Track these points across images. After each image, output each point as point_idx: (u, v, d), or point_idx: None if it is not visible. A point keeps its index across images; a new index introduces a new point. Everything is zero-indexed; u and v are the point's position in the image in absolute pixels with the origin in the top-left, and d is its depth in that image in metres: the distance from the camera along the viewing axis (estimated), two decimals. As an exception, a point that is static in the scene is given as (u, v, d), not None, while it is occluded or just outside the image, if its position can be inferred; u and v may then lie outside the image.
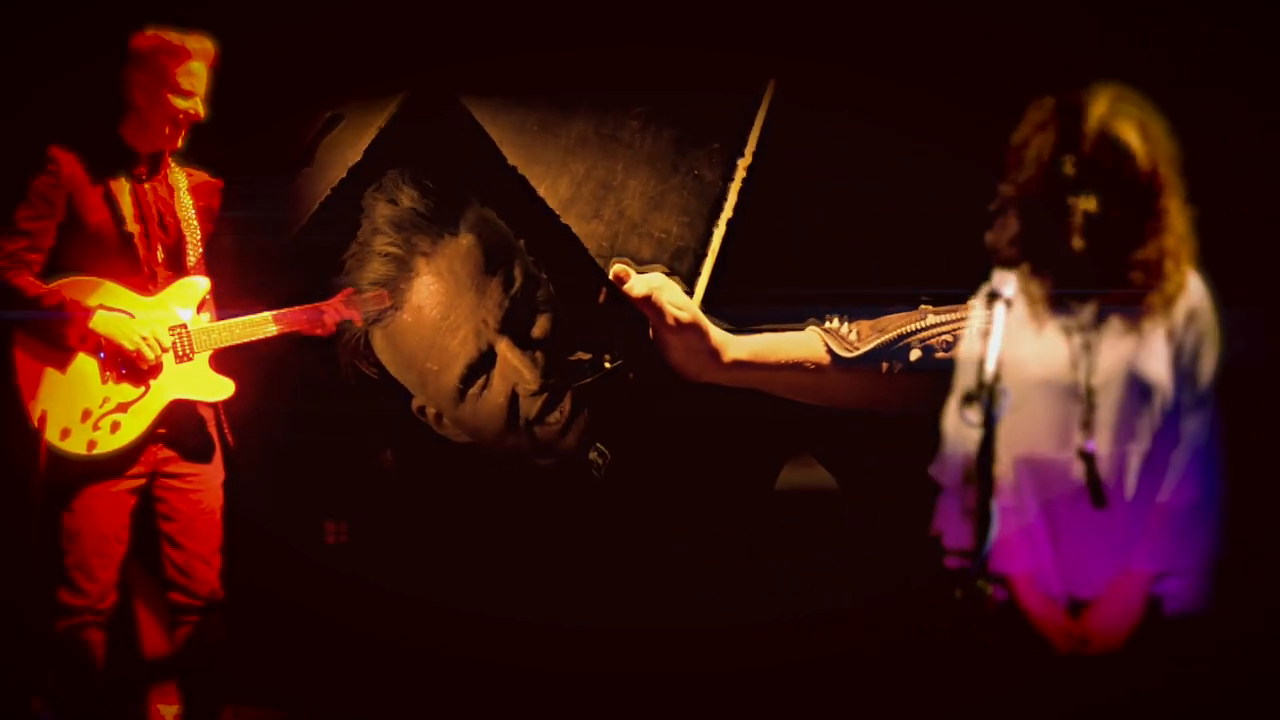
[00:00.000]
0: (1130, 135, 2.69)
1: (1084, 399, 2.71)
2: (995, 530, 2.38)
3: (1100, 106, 2.71)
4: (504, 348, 3.57)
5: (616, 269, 2.97)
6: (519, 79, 4.48)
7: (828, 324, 2.98)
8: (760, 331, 3.20)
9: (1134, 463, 2.71)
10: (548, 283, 3.60)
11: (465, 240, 3.58)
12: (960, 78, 3.95)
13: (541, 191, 3.59)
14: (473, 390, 3.61)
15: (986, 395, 2.41)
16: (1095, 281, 2.75)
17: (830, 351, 3.02)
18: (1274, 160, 3.90)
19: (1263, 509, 3.76)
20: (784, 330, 3.22)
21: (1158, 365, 2.72)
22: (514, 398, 3.56)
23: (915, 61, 4.13)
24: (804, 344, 3.07)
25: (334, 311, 3.81)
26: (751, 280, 4.28)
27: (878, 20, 4.18)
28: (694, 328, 2.95)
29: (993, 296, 2.55)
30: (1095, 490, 2.68)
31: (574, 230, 3.60)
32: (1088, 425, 2.70)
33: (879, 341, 2.98)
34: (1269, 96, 3.89)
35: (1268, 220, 3.88)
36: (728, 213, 3.62)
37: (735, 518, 4.52)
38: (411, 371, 3.60)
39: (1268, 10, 3.84)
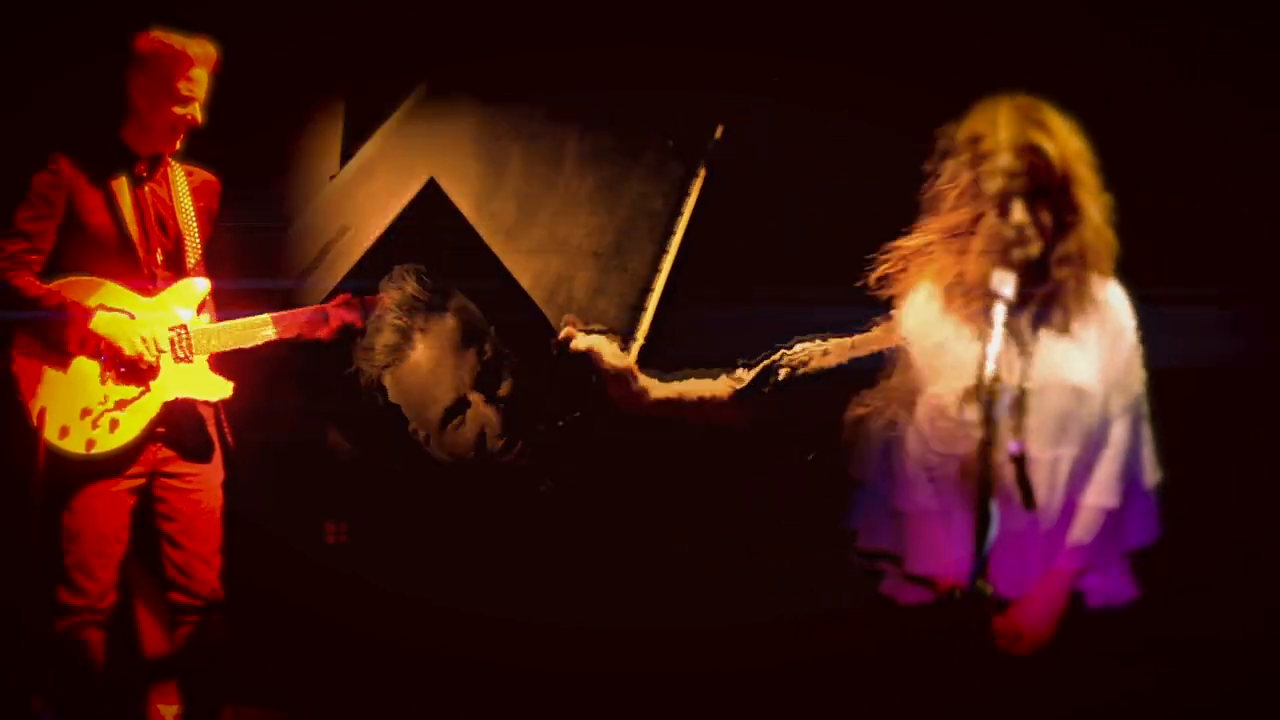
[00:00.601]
0: (1040, 139, 2.71)
1: (1017, 403, 2.73)
2: (994, 531, 2.38)
3: (1005, 126, 2.73)
4: (476, 400, 4.71)
5: (565, 330, 4.02)
6: (520, 79, 4.49)
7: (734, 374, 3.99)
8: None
9: (1064, 466, 2.74)
10: (511, 356, 4.75)
11: (450, 321, 4.75)
12: (960, 78, 3.94)
13: (515, 274, 4.71)
14: (451, 425, 4.71)
15: (986, 395, 2.41)
16: (1026, 283, 2.77)
17: (731, 389, 3.97)
18: (1274, 160, 3.90)
19: (1263, 509, 3.77)
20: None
21: (1088, 372, 2.75)
22: (482, 435, 4.70)
23: (915, 61, 4.13)
24: (712, 385, 4.00)
25: (336, 315, 3.82)
26: (755, 280, 4.31)
27: (877, 20, 4.18)
28: (627, 373, 3.97)
29: (992, 297, 2.55)
30: (1025, 492, 2.70)
31: (541, 310, 4.67)
32: (1018, 429, 2.72)
33: (755, 372, 3.94)
34: (1269, 96, 3.89)
35: (1268, 220, 3.88)
36: (659, 290, 4.54)
37: (735, 518, 4.52)
38: (409, 407, 4.75)
39: (1268, 10, 3.84)
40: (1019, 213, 2.70)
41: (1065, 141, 2.74)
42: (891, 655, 3.09)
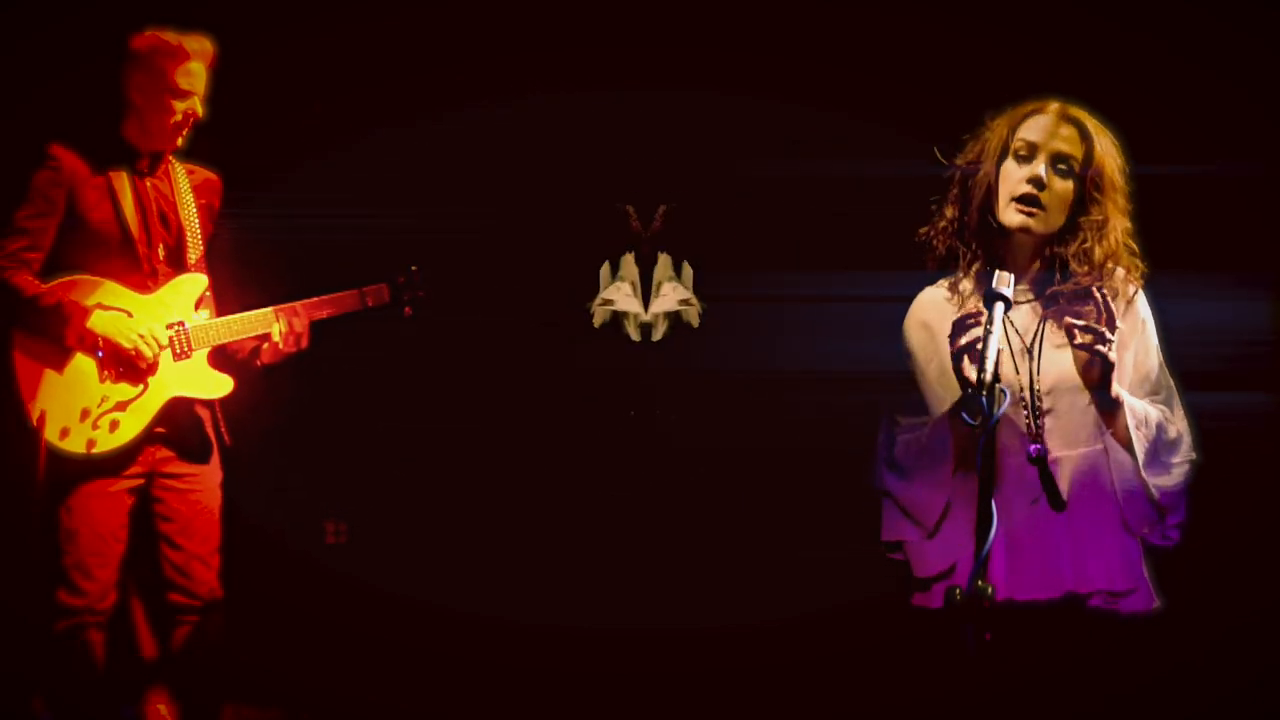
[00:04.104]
0: (1085, 119, 2.76)
1: (1030, 403, 2.72)
2: (994, 531, 2.37)
3: (1055, 101, 2.78)
4: None
5: None
6: (517, 78, 4.49)
7: None
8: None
9: (1087, 464, 2.71)
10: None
11: None
12: (959, 77, 3.95)
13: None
14: None
15: (986, 395, 2.41)
16: (1043, 280, 2.77)
17: None
18: (1273, 161, 3.91)
19: (1263, 509, 3.77)
20: None
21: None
22: None
23: (914, 61, 4.13)
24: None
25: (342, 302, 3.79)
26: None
27: (876, 20, 4.19)
28: None
29: (993, 296, 2.55)
30: (1052, 493, 2.68)
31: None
32: (1035, 429, 2.71)
33: None
34: (1269, 95, 3.90)
35: (1267, 219, 3.89)
36: None
37: (736, 518, 4.53)
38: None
39: (1268, 10, 3.84)
40: (1040, 167, 2.72)
41: (1107, 141, 2.77)
42: (889, 656, 3.09)
